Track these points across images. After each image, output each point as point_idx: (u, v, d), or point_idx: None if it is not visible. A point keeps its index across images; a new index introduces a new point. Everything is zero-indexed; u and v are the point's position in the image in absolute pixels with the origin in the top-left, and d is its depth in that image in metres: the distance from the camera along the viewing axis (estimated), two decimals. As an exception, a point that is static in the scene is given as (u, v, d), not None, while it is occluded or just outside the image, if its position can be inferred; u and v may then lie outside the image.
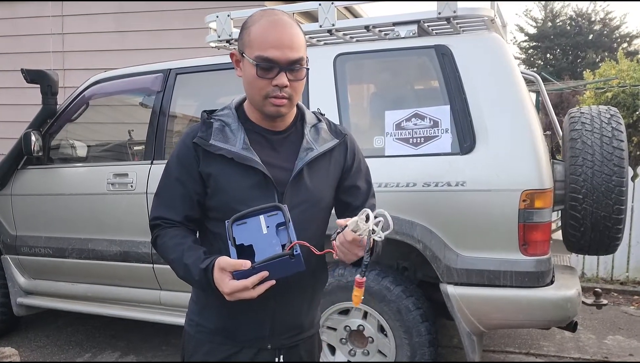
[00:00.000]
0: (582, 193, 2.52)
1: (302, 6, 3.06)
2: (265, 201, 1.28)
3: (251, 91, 1.31)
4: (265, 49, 1.25)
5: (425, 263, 2.60)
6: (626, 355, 3.53)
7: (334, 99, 2.74)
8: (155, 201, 1.41)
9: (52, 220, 3.41)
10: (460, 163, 2.48)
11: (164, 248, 1.34)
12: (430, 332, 2.65)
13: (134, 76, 3.33)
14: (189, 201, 1.35)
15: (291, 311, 1.40)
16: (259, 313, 1.36)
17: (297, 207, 1.32)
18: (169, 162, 1.40)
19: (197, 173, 1.34)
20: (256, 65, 1.26)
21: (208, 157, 1.33)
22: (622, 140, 2.55)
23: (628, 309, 4.43)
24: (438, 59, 2.59)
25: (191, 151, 1.34)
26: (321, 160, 1.38)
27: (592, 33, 24.04)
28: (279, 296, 1.34)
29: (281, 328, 1.39)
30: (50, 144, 3.51)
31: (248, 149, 1.32)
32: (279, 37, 1.26)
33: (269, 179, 1.31)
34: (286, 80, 1.26)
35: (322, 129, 1.41)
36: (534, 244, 2.41)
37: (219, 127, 1.35)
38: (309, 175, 1.35)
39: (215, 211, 1.35)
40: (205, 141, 1.32)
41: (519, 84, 2.52)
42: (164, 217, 1.37)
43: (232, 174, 1.31)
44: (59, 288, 3.52)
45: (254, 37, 1.27)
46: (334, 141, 1.41)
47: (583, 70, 15.92)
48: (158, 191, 1.41)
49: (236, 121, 1.36)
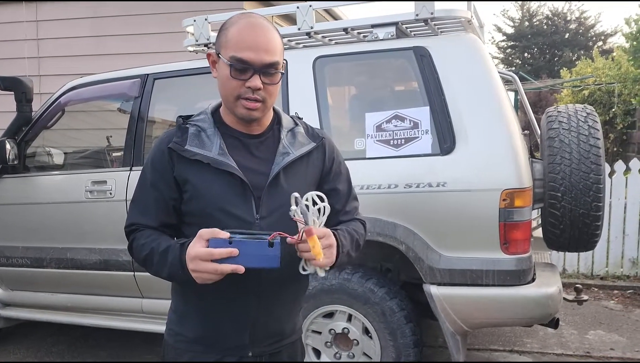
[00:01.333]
0: (561, 191, 2.55)
1: (280, 9, 3.05)
2: (243, 206, 1.29)
3: (224, 92, 1.30)
4: (240, 50, 1.25)
5: (408, 264, 2.61)
6: (607, 349, 3.58)
7: (314, 101, 2.74)
8: (131, 207, 1.40)
9: (29, 230, 3.35)
10: (441, 163, 2.49)
11: (139, 249, 1.32)
12: (415, 332, 2.65)
13: (111, 81, 3.28)
14: (164, 206, 1.34)
15: (272, 317, 1.38)
16: (240, 320, 1.34)
17: (274, 212, 1.32)
18: (144, 168, 1.38)
19: (172, 178, 1.32)
20: (230, 65, 1.25)
21: (183, 162, 1.31)
22: (599, 138, 2.58)
23: (608, 304, 4.49)
24: (417, 60, 2.60)
25: (166, 156, 1.32)
26: (298, 164, 1.37)
27: (568, 32, 24.48)
28: (259, 303, 1.33)
29: (262, 335, 1.37)
30: (25, 152, 3.44)
31: (224, 154, 1.30)
32: (255, 40, 1.26)
33: (245, 185, 1.30)
34: (259, 82, 1.26)
35: (298, 133, 1.40)
36: (514, 243, 2.43)
37: (194, 132, 1.33)
38: (286, 179, 1.34)
39: (191, 216, 1.33)
40: (181, 147, 1.31)
41: (497, 84, 2.54)
42: (139, 223, 1.35)
43: (209, 179, 1.30)
44: (38, 298, 3.45)
45: (230, 38, 1.27)
46: (311, 144, 1.40)
47: (560, 69, 16.17)
48: (134, 198, 1.40)
49: (212, 125, 1.34)
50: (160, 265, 1.27)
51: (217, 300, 1.32)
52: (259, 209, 1.31)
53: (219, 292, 1.29)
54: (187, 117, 1.38)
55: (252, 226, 1.30)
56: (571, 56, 23.28)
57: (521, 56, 25.52)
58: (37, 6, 5.81)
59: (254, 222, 1.30)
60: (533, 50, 25.19)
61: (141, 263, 1.34)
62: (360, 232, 1.44)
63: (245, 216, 1.30)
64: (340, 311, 2.73)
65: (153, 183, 1.34)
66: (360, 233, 1.44)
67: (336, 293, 2.69)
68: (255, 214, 1.30)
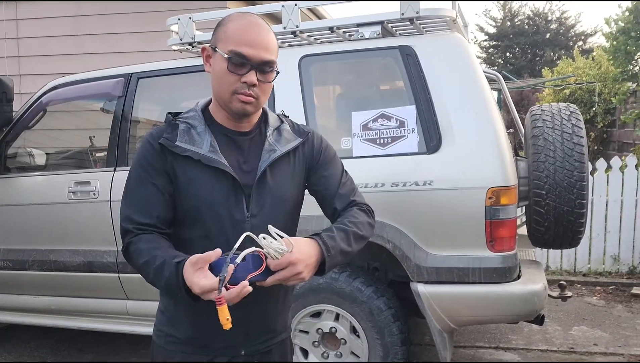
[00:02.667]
0: (545, 189, 2.57)
1: (265, 8, 3.03)
2: (234, 204, 1.29)
3: (219, 86, 1.30)
4: (239, 45, 1.26)
5: (395, 262, 2.61)
6: (591, 345, 3.63)
7: (300, 101, 2.73)
8: (124, 205, 1.35)
9: (11, 232, 3.29)
10: (427, 162, 2.50)
11: (137, 254, 1.27)
12: (402, 331, 2.66)
13: (94, 80, 3.24)
14: (163, 201, 1.31)
15: (264, 315, 1.38)
16: (232, 319, 1.32)
17: (264, 208, 1.33)
18: (134, 165, 1.35)
19: (165, 172, 1.31)
20: (228, 59, 1.26)
21: (174, 159, 1.30)
22: (582, 136, 2.62)
23: (591, 300, 4.56)
24: (402, 59, 2.61)
25: (157, 151, 1.31)
26: (284, 161, 1.37)
27: (549, 32, 24.78)
28: (251, 301, 1.30)
29: (255, 334, 1.37)
30: (6, 153, 3.38)
31: (215, 151, 1.30)
32: (255, 37, 1.27)
33: (237, 182, 1.30)
34: (255, 78, 1.27)
35: (284, 130, 1.41)
36: (500, 240, 2.45)
37: (184, 129, 1.33)
38: (272, 176, 1.35)
39: (180, 214, 1.32)
40: (171, 143, 1.30)
41: (482, 83, 2.56)
42: (135, 221, 1.30)
43: (199, 176, 1.29)
44: (21, 301, 3.39)
45: (230, 33, 1.28)
46: (297, 140, 1.41)
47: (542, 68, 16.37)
48: (126, 195, 1.35)
49: (202, 123, 1.34)
50: (156, 278, 1.23)
51: (209, 302, 1.29)
52: (249, 207, 1.31)
53: None
54: (176, 114, 1.38)
55: (243, 224, 1.30)
56: (552, 55, 23.60)
57: (503, 55, 25.78)
58: (16, 5, 5.71)
59: (244, 220, 1.30)
60: (515, 50, 25.46)
61: (137, 270, 1.30)
62: (359, 221, 1.37)
63: (236, 215, 1.30)
64: (327, 311, 2.73)
65: (147, 178, 1.31)
66: (360, 221, 1.37)
67: (323, 293, 2.69)
68: (246, 212, 1.30)
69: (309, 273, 1.21)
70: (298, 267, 1.17)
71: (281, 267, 1.16)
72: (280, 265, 1.16)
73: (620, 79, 7.87)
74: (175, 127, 1.33)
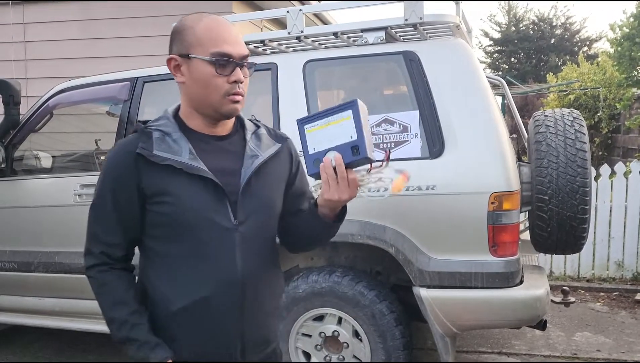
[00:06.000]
0: (548, 194, 2.58)
1: (270, 13, 3.06)
2: (221, 212, 1.25)
3: (207, 92, 1.24)
4: (220, 45, 1.22)
5: (398, 267, 2.62)
6: (594, 351, 3.62)
7: (304, 105, 2.75)
8: (93, 222, 1.30)
9: (17, 234, 3.31)
10: (430, 167, 2.51)
11: (107, 294, 1.27)
12: (405, 335, 2.66)
13: (100, 84, 3.27)
14: (132, 221, 1.26)
15: (258, 326, 1.35)
16: (229, 335, 1.29)
17: (251, 215, 1.29)
18: (103, 181, 1.28)
19: (137, 188, 1.24)
20: (215, 61, 1.22)
21: (152, 169, 1.24)
22: (585, 142, 2.62)
23: (595, 306, 4.55)
24: (406, 64, 2.62)
25: (130, 164, 1.24)
26: (268, 166, 1.34)
27: (553, 37, 24.76)
28: (243, 314, 1.29)
29: (251, 345, 1.34)
30: (13, 155, 3.40)
31: (195, 158, 1.25)
32: (229, 33, 1.25)
33: (220, 189, 1.25)
34: (242, 75, 1.25)
35: (262, 135, 1.38)
36: (503, 245, 2.45)
37: (159, 137, 1.26)
38: (258, 183, 1.31)
39: (161, 228, 1.26)
40: (149, 152, 1.23)
41: (485, 89, 2.57)
42: (103, 241, 1.27)
43: (181, 185, 1.23)
44: (26, 303, 3.41)
45: (203, 35, 1.23)
46: (277, 145, 1.38)
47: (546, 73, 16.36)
48: (94, 212, 1.30)
49: (177, 130, 1.28)
50: (118, 332, 1.27)
51: (203, 319, 1.26)
52: (236, 213, 1.27)
53: (204, 311, 1.25)
54: (144, 123, 1.31)
55: (232, 232, 1.26)
56: (557, 60, 23.55)
57: (508, 60, 25.77)
58: (24, 8, 5.77)
59: (232, 228, 1.26)
60: (520, 55, 25.44)
61: (97, 297, 1.29)
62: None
63: (224, 222, 1.26)
64: (330, 314, 2.74)
65: (117, 197, 1.25)
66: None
67: (326, 296, 2.70)
68: (233, 220, 1.26)
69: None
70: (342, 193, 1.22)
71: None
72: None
73: (625, 85, 7.85)
74: (149, 136, 1.26)
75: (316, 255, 2.98)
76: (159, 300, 1.27)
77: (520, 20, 25.57)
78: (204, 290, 1.24)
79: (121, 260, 1.30)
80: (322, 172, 1.22)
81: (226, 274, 1.26)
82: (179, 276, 1.25)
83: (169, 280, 1.26)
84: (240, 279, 1.26)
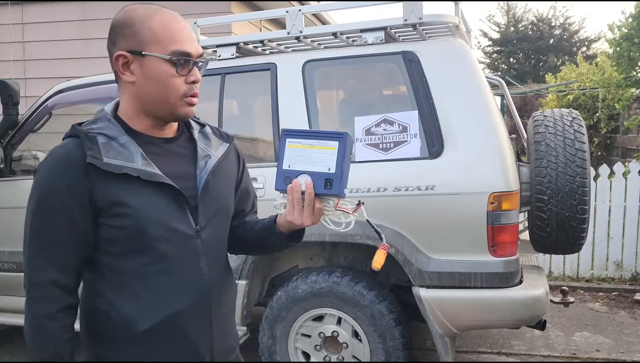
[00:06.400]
0: (548, 194, 2.58)
1: (269, 13, 3.06)
2: (182, 219, 1.17)
3: (163, 92, 1.14)
4: (180, 43, 1.13)
5: (397, 267, 2.62)
6: (593, 351, 3.62)
7: (304, 105, 2.75)
8: (33, 250, 1.13)
9: (15, 234, 3.30)
10: (429, 167, 2.51)
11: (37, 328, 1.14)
12: (404, 335, 2.66)
13: (99, 84, 3.26)
14: (86, 238, 1.14)
15: (224, 333, 1.29)
16: (200, 347, 1.21)
17: (212, 220, 1.23)
18: (46, 195, 1.12)
19: (90, 201, 1.11)
20: (176, 61, 1.13)
21: (105, 179, 1.11)
22: (584, 142, 2.63)
23: (594, 306, 4.55)
24: (405, 65, 2.62)
25: (79, 175, 1.10)
26: (221, 167, 1.28)
27: (552, 38, 24.78)
28: (212, 323, 1.23)
29: (219, 355, 1.27)
30: (12, 155, 3.40)
31: (149, 164, 1.15)
32: (187, 31, 1.17)
33: (180, 195, 1.17)
34: (199, 75, 1.18)
35: (209, 134, 1.31)
36: (502, 245, 2.45)
37: (105, 142, 1.13)
38: (214, 184, 1.25)
39: (121, 241, 1.14)
40: (100, 160, 1.10)
41: (485, 89, 2.57)
42: (52, 267, 1.12)
43: (139, 195, 1.13)
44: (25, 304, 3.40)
45: (160, 31, 1.13)
46: (225, 145, 1.32)
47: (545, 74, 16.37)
48: (33, 235, 1.13)
49: (123, 133, 1.16)
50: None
51: (173, 336, 1.18)
52: (197, 220, 1.20)
53: (174, 327, 1.17)
54: (79, 125, 1.18)
55: (194, 239, 1.19)
56: (556, 61, 23.58)
57: (507, 60, 25.79)
58: (22, 8, 5.76)
59: (194, 235, 1.19)
60: (518, 55, 25.47)
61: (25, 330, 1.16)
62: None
63: (186, 230, 1.18)
64: (329, 315, 2.74)
65: (67, 213, 1.11)
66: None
67: (325, 296, 2.69)
68: (195, 226, 1.19)
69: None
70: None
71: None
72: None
73: (624, 85, 7.86)
74: (94, 141, 1.12)
75: (315, 255, 2.98)
76: (120, 321, 1.15)
77: (519, 21, 25.59)
78: (172, 305, 1.16)
79: (71, 291, 1.16)
80: (289, 193, 1.18)
81: (194, 285, 1.19)
82: (142, 293, 1.15)
83: (131, 299, 1.15)
84: (207, 289, 1.21)
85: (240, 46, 2.95)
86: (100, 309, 1.17)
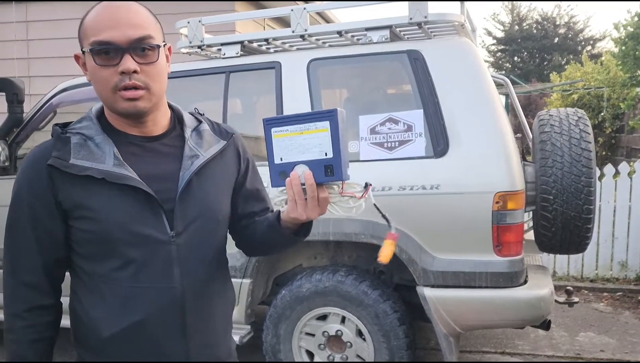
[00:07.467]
0: (553, 194, 2.57)
1: (274, 12, 3.06)
2: (153, 224, 1.10)
3: (99, 88, 1.10)
4: (99, 33, 1.07)
5: (401, 266, 2.62)
6: (597, 351, 3.61)
7: (308, 104, 2.74)
8: (8, 253, 1.14)
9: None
10: (434, 166, 2.50)
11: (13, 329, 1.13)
12: (408, 334, 2.66)
13: (104, 82, 3.26)
14: (52, 242, 1.12)
15: (205, 345, 1.19)
16: (170, 358, 1.15)
17: (191, 224, 1.14)
18: (18, 194, 1.12)
19: (55, 202, 1.09)
20: (91, 50, 1.07)
21: (69, 181, 1.08)
22: (590, 141, 2.61)
23: (598, 306, 4.53)
24: (410, 63, 2.61)
25: (44, 177, 1.08)
26: (211, 166, 1.19)
27: (557, 36, 24.68)
28: (187, 335, 1.15)
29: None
30: (17, 153, 3.41)
31: (121, 164, 1.09)
32: (113, 17, 1.07)
33: (152, 198, 1.10)
34: (132, 63, 1.06)
35: (204, 132, 1.22)
36: (507, 245, 2.45)
37: (79, 142, 1.11)
38: (200, 186, 1.16)
39: (87, 246, 1.11)
40: (64, 162, 1.08)
41: (490, 88, 2.56)
42: (25, 268, 1.12)
43: (103, 198, 1.08)
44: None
45: (87, 25, 1.09)
46: (221, 143, 1.23)
47: (550, 73, 16.30)
48: (9, 240, 1.14)
49: (100, 132, 1.12)
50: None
51: (138, 346, 1.13)
52: (172, 224, 1.12)
53: (139, 336, 1.12)
54: (65, 125, 1.16)
55: (169, 245, 1.12)
56: (560, 60, 23.49)
57: (511, 59, 25.71)
58: (27, 6, 5.77)
59: (169, 241, 1.12)
60: (523, 54, 25.38)
61: (5, 324, 1.15)
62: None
63: (157, 235, 1.11)
64: (333, 314, 2.74)
65: (35, 214, 1.11)
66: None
67: (330, 295, 2.69)
68: (170, 231, 1.12)
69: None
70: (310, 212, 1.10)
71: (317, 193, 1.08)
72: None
73: (629, 84, 7.83)
74: (66, 142, 1.10)
75: (319, 254, 2.98)
76: (90, 324, 1.13)
77: (523, 20, 25.50)
78: (137, 313, 1.11)
79: (46, 291, 1.15)
80: (288, 189, 1.08)
81: (163, 294, 1.12)
82: (108, 298, 1.11)
83: (99, 303, 1.12)
84: (180, 298, 1.13)
85: (244, 45, 2.95)
86: (76, 312, 1.17)
